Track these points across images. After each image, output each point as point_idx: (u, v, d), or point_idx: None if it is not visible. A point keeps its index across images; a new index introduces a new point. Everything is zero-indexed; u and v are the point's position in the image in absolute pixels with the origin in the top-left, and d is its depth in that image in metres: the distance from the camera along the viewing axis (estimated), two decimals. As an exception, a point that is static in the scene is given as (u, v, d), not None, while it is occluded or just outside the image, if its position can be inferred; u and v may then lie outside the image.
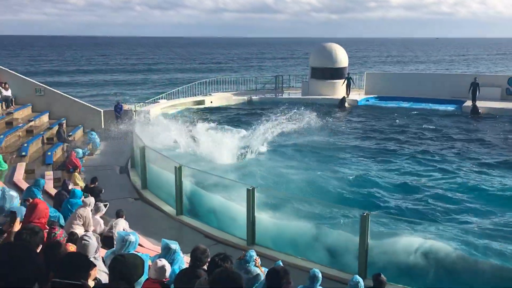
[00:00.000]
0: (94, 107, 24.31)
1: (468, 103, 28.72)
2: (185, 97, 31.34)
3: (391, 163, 18.26)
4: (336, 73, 32.92)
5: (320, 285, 6.12)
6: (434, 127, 24.69)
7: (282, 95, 34.40)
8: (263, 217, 11.07)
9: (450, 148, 20.34)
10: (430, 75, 41.33)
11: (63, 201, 10.41)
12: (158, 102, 29.17)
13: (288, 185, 14.79)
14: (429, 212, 12.97)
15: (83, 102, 24.40)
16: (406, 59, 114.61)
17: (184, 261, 6.43)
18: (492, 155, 19.23)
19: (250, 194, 10.28)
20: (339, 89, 32.74)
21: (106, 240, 8.90)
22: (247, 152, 18.87)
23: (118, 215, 9.66)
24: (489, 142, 21.40)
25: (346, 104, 30.63)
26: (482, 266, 8.98)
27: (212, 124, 21.17)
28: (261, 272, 6.07)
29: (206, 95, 32.44)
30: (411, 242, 9.60)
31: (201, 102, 31.13)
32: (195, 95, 31.83)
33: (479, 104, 27.94)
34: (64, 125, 20.48)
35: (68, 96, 23.84)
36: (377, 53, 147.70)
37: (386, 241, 9.82)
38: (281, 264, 6.02)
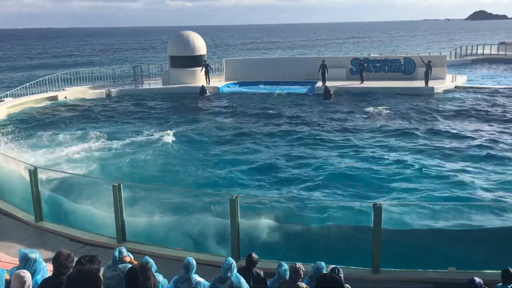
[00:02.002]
0: None
1: (319, 84, 31.04)
2: (37, 93, 28.84)
3: (256, 145, 18.96)
4: (195, 61, 33.03)
5: (195, 273, 6.13)
6: (291, 107, 26.23)
7: (142, 86, 33.53)
8: (132, 212, 10.75)
9: (301, 126, 21.74)
10: (286, 59, 43.57)
11: None
12: (3, 100, 26.39)
13: (158, 177, 14.60)
14: (288, 189, 13.81)
15: None
16: (263, 45, 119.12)
17: (47, 269, 5.95)
18: (342, 131, 20.98)
19: (117, 190, 9.87)
20: (199, 77, 32.94)
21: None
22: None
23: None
24: (339, 118, 23.32)
25: (207, 92, 31.00)
26: (327, 231, 9.81)
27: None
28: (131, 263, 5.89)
29: (60, 90, 30.20)
30: (269, 222, 10.22)
31: (54, 98, 28.93)
32: (47, 91, 29.42)
33: (330, 84, 30.29)
34: None
35: None
36: (234, 40, 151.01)
37: (253, 222, 10.24)
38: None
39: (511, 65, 46.36)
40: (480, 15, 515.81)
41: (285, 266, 6.20)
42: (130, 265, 5.85)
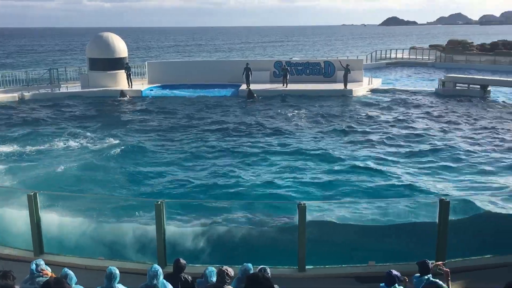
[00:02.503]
0: None
1: (244, 86, 31.33)
2: None
3: (180, 150, 18.71)
4: (115, 63, 32.04)
5: (119, 282, 5.92)
6: (214, 111, 26.21)
7: (59, 90, 31.94)
8: (51, 221, 10.17)
9: (226, 130, 21.77)
10: (210, 62, 43.45)
11: None
12: None
13: (77, 184, 13.96)
14: (213, 193, 13.78)
15: None
16: (187, 48, 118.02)
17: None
18: (267, 132, 21.31)
19: (32, 200, 9.30)
20: (121, 80, 31.99)
21: None
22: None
23: None
24: (261, 123, 23.63)
25: (127, 96, 30.20)
26: (254, 232, 9.93)
27: None
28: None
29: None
30: (196, 227, 10.15)
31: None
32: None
33: (254, 87, 30.65)
34: None
35: None
36: (157, 42, 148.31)
37: (179, 227, 10.10)
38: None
39: (421, 68, 49.61)
40: (393, 21, 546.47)
41: (212, 269, 6.17)
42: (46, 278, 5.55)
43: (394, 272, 6.05)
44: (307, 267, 8.56)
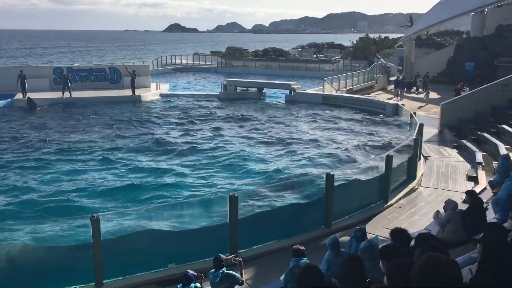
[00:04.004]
0: None
1: (19, 95, 28.36)
2: None
3: None
4: None
5: None
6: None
7: None
8: None
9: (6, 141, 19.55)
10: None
11: None
12: None
13: None
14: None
15: None
16: None
17: None
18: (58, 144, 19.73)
19: None
20: None
21: None
22: None
23: None
24: (47, 133, 21.79)
25: None
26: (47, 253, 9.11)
27: None
28: None
29: None
30: None
31: None
32: None
33: (33, 95, 27.94)
34: None
35: None
36: None
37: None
38: None
39: (204, 73, 52.28)
40: (175, 28, 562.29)
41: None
42: None
43: (191, 271, 6.31)
44: (105, 281, 8.27)
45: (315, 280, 4.52)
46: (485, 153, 16.32)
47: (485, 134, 17.75)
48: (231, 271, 6.76)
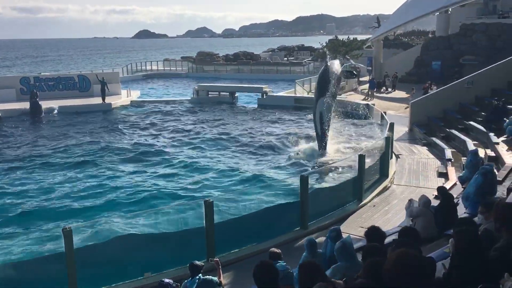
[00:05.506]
0: None
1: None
2: None
3: None
4: None
5: None
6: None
7: None
8: None
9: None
10: None
11: None
12: None
13: None
14: None
15: None
16: None
17: None
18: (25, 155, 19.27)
19: None
20: None
21: None
22: None
23: None
24: (15, 145, 21.27)
25: None
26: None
27: None
28: None
29: None
30: None
31: None
32: None
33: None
34: None
35: None
36: None
37: None
38: None
39: (176, 79, 51.95)
40: (145, 34, 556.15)
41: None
42: None
43: (166, 280, 6.22)
44: (79, 293, 8.08)
45: (269, 277, 4.27)
46: (454, 150, 16.65)
47: (454, 131, 18.13)
48: (207, 276, 6.70)
